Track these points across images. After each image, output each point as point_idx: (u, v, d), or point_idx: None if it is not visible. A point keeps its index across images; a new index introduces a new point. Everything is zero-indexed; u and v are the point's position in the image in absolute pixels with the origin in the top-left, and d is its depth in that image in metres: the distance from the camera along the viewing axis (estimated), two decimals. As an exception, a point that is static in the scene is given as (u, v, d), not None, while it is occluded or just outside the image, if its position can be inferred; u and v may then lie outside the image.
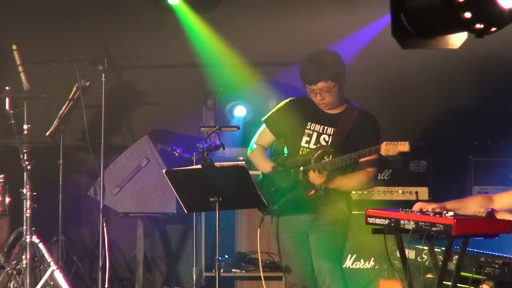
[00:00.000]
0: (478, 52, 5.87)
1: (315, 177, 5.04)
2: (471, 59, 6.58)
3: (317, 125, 5.22)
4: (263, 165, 5.33)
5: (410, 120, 7.17)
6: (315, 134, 5.21)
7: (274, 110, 5.36)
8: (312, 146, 5.20)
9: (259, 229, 5.19)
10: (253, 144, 5.40)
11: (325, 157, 5.10)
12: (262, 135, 5.38)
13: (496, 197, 4.46)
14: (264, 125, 5.36)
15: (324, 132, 5.20)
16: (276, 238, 5.30)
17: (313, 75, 5.07)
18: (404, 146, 4.84)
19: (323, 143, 5.18)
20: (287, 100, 5.33)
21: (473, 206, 4.32)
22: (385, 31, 6.66)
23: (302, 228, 5.22)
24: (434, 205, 4.37)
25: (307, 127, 5.22)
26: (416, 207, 4.41)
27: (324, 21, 6.98)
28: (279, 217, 5.26)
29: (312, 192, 5.11)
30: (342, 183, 5.14)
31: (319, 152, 5.12)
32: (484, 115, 7.07)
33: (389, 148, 4.86)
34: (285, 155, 5.34)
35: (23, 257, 5.83)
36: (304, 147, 5.22)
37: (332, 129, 5.18)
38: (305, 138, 5.22)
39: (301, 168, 5.15)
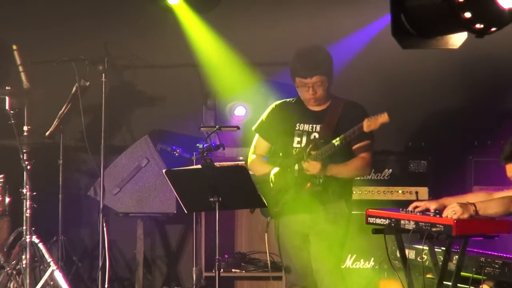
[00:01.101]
0: (478, 52, 5.86)
1: (310, 166, 5.05)
2: (471, 59, 6.56)
3: (305, 125, 5.24)
4: (261, 170, 5.35)
5: (410, 120, 7.15)
6: (305, 134, 5.22)
7: (262, 118, 5.40)
8: (303, 145, 5.21)
9: (266, 234, 5.22)
10: (250, 155, 5.44)
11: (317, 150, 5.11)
12: (257, 144, 5.43)
13: (496, 195, 4.46)
14: (257, 135, 5.40)
15: (314, 130, 5.22)
16: (277, 238, 5.31)
17: (308, 69, 5.08)
18: (383, 117, 4.89)
19: (314, 140, 5.22)
20: (273, 105, 5.39)
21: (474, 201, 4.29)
22: (385, 31, 6.65)
23: (302, 227, 5.22)
24: (433, 203, 4.36)
25: (296, 128, 5.25)
26: (412, 206, 4.41)
27: (324, 21, 6.97)
28: (280, 217, 5.26)
29: (308, 185, 5.12)
30: (339, 170, 5.14)
31: (310, 146, 5.14)
32: (484, 115, 7.05)
33: (370, 124, 4.91)
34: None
35: (23, 257, 5.82)
36: (296, 147, 5.24)
37: (320, 125, 5.20)
38: (296, 139, 5.24)
39: (296, 166, 5.16)
